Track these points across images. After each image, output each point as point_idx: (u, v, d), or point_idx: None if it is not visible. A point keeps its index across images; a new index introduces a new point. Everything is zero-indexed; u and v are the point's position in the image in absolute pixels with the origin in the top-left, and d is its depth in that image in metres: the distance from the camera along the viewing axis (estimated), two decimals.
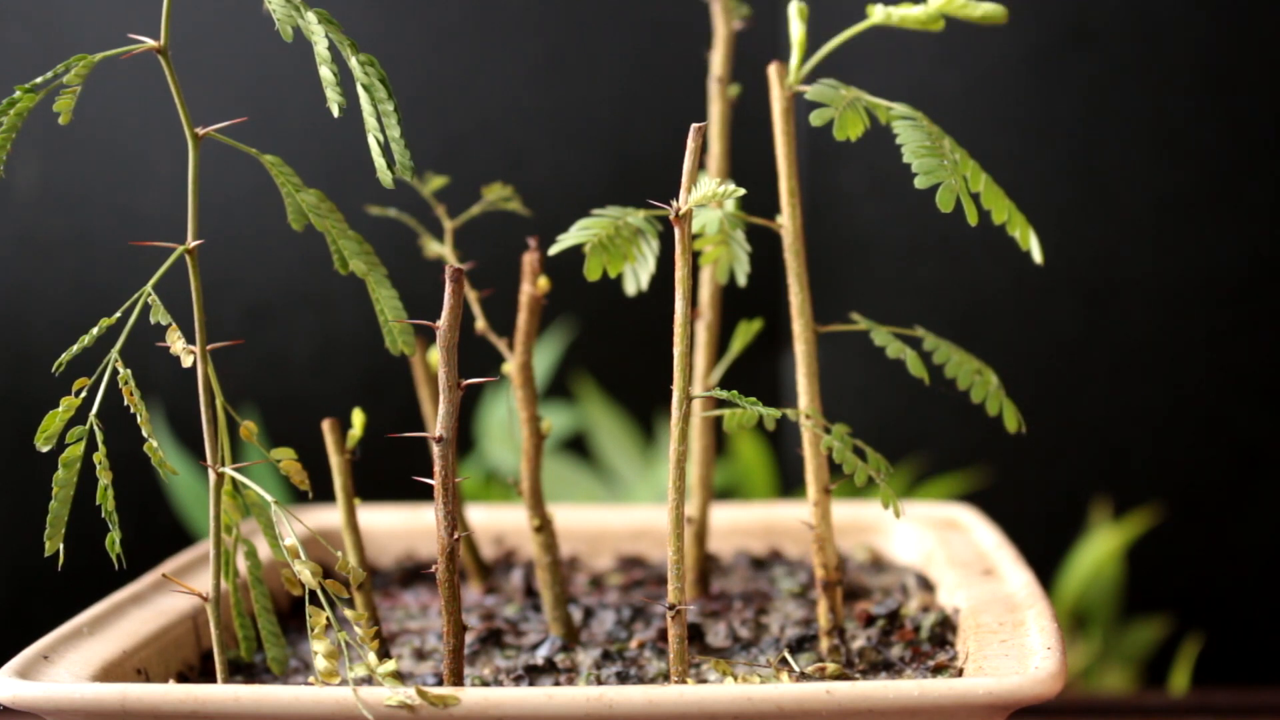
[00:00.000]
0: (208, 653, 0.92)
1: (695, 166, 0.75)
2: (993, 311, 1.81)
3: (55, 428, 0.76)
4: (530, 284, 0.90)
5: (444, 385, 0.76)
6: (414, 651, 0.92)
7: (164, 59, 0.76)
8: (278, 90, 1.77)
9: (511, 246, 1.00)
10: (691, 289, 0.75)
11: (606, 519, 1.15)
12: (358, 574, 0.77)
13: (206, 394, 0.79)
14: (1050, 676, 0.72)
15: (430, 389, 1.03)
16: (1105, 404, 1.82)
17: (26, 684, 0.75)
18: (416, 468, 0.90)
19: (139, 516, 1.74)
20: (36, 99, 0.74)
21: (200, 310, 0.78)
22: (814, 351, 0.87)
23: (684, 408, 0.76)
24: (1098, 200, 1.78)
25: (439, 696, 0.71)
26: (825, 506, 0.87)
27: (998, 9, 0.81)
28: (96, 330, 0.77)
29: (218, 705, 0.72)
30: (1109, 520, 1.77)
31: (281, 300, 1.80)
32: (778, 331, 1.73)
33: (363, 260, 0.79)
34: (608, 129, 1.81)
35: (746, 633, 0.93)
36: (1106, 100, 1.77)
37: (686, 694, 0.71)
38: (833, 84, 0.82)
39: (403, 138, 0.75)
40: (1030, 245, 0.82)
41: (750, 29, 1.02)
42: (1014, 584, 0.90)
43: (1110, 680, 1.72)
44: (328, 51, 0.73)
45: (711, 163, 1.00)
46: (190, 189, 0.77)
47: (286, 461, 0.80)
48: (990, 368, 0.88)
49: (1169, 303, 1.79)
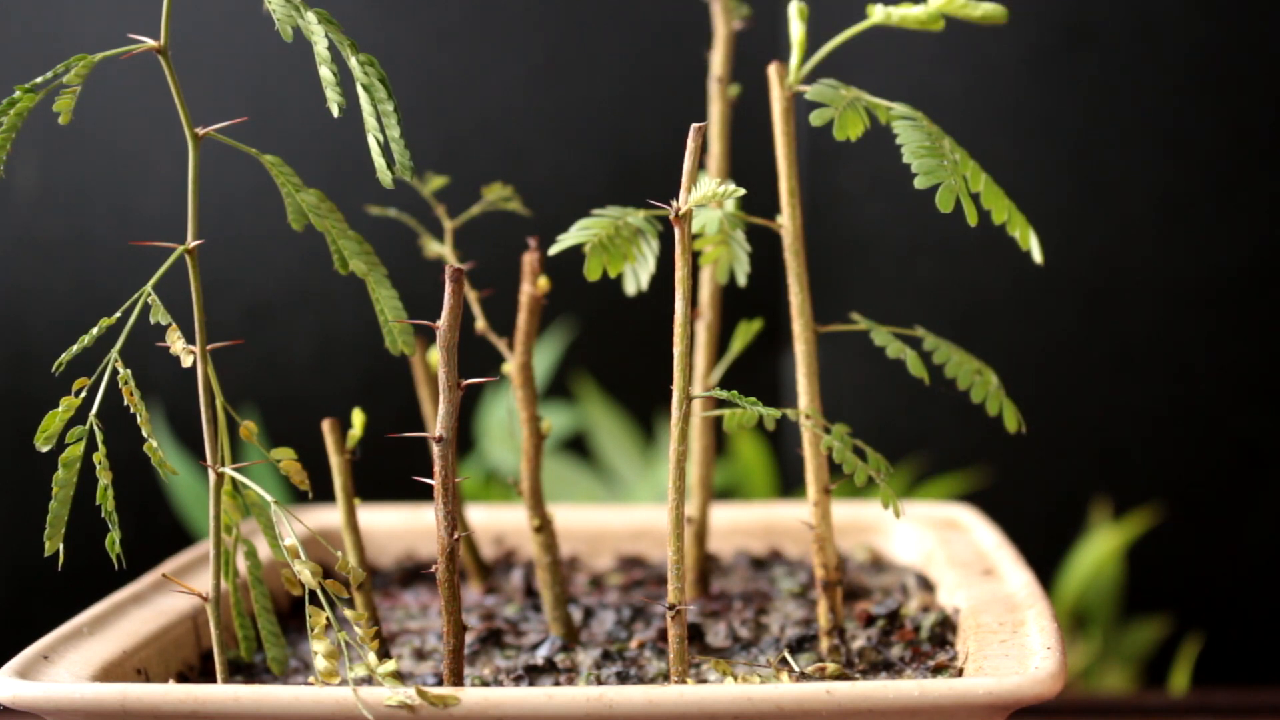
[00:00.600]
0: (208, 653, 0.92)
1: (695, 166, 0.75)
2: (993, 311, 1.81)
3: (55, 428, 0.76)
4: (530, 284, 0.90)
5: (444, 385, 0.76)
6: (414, 651, 0.92)
7: (164, 59, 0.76)
8: (279, 91, 1.77)
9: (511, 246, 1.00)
10: (691, 289, 0.75)
11: (606, 519, 1.15)
12: (357, 574, 0.77)
13: (206, 394, 0.79)
14: (1050, 676, 0.72)
15: (430, 389, 1.03)
16: (1105, 404, 1.81)
17: (26, 684, 0.75)
18: (416, 468, 0.90)
19: (139, 516, 1.74)
20: (36, 99, 0.74)
21: (200, 310, 0.78)
22: (814, 351, 0.87)
23: (684, 408, 0.76)
24: (1098, 200, 1.78)
25: (439, 696, 0.71)
26: (825, 506, 0.87)
27: (998, 9, 0.81)
28: (96, 330, 0.76)
29: (218, 705, 0.72)
30: (1109, 520, 1.77)
31: (282, 300, 1.80)
32: (778, 331, 1.73)
33: (363, 260, 0.79)
34: (608, 129, 1.81)
35: (746, 633, 0.93)
36: (1106, 100, 1.77)
37: (686, 694, 0.71)
38: (833, 84, 0.82)
39: (402, 138, 0.75)
40: (1030, 245, 0.82)
41: (750, 29, 1.02)
42: (1014, 584, 0.90)
43: (1110, 680, 1.72)
44: (327, 51, 0.73)
45: (711, 163, 1.00)
46: (190, 189, 0.77)
47: (286, 461, 0.80)
48: (990, 368, 0.88)
49: (1169, 303, 1.79)
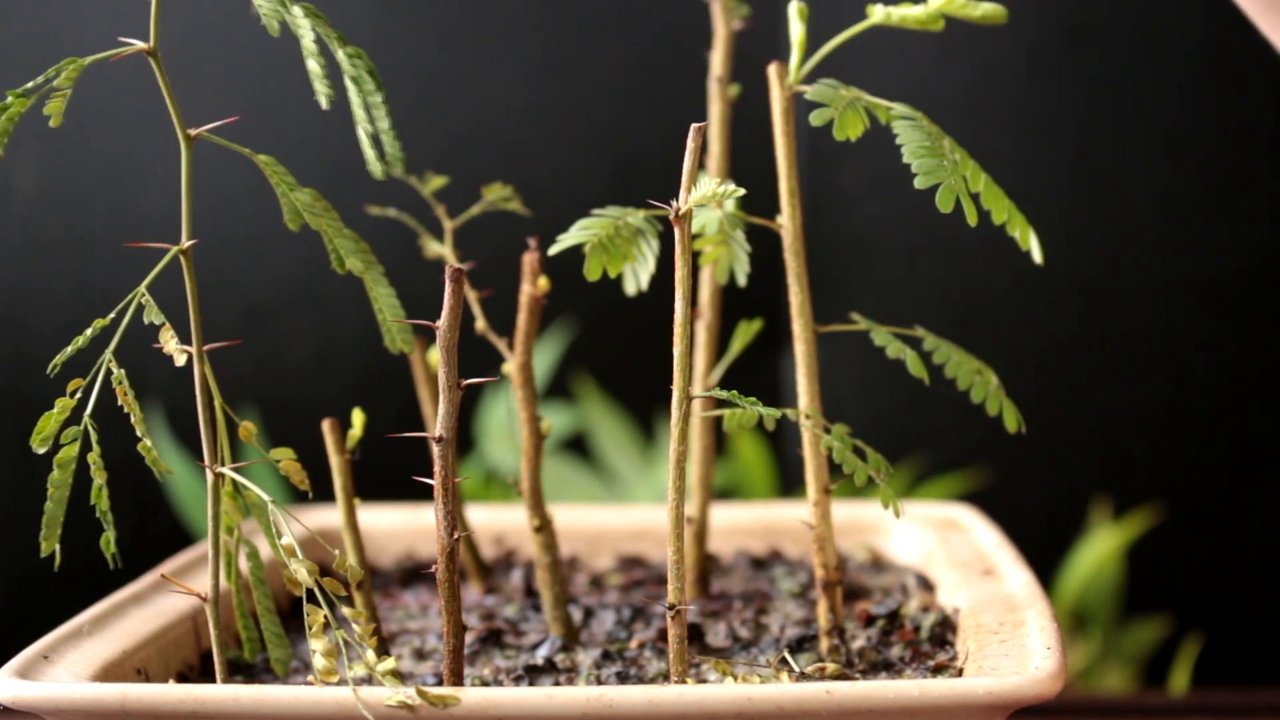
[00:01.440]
0: (208, 653, 0.92)
1: (695, 166, 0.75)
2: (993, 311, 1.81)
3: (50, 429, 0.76)
4: (530, 284, 0.90)
5: (444, 385, 0.76)
6: (414, 651, 0.92)
7: (154, 60, 0.75)
8: (277, 91, 1.77)
9: (511, 246, 1.00)
10: (691, 289, 0.75)
11: (606, 519, 1.15)
12: (355, 572, 0.77)
13: (204, 394, 0.79)
14: (1050, 676, 0.72)
15: (430, 389, 1.03)
16: (1105, 404, 1.81)
17: (26, 684, 0.75)
18: (416, 468, 0.89)
19: (139, 516, 1.74)
20: (28, 103, 0.74)
21: (196, 310, 0.78)
22: (814, 351, 0.87)
23: (684, 408, 0.76)
24: (1098, 200, 1.78)
25: (439, 696, 0.71)
26: (825, 506, 0.87)
27: (998, 9, 0.81)
28: (91, 331, 0.76)
29: (218, 705, 0.72)
30: (1109, 520, 1.77)
31: (281, 300, 1.80)
32: (778, 331, 1.73)
33: (360, 259, 0.79)
34: (608, 129, 1.81)
35: (746, 633, 0.93)
36: (1106, 100, 1.77)
37: (686, 694, 0.70)
38: (833, 84, 0.82)
39: (393, 129, 0.75)
40: (1030, 245, 0.82)
41: (750, 29, 1.01)
42: (1014, 584, 0.90)
43: (1110, 680, 1.72)
44: (315, 45, 0.73)
45: (711, 163, 1.00)
46: (184, 189, 0.77)
47: (286, 461, 0.80)
48: (990, 368, 0.88)
49: (1169, 303, 1.79)
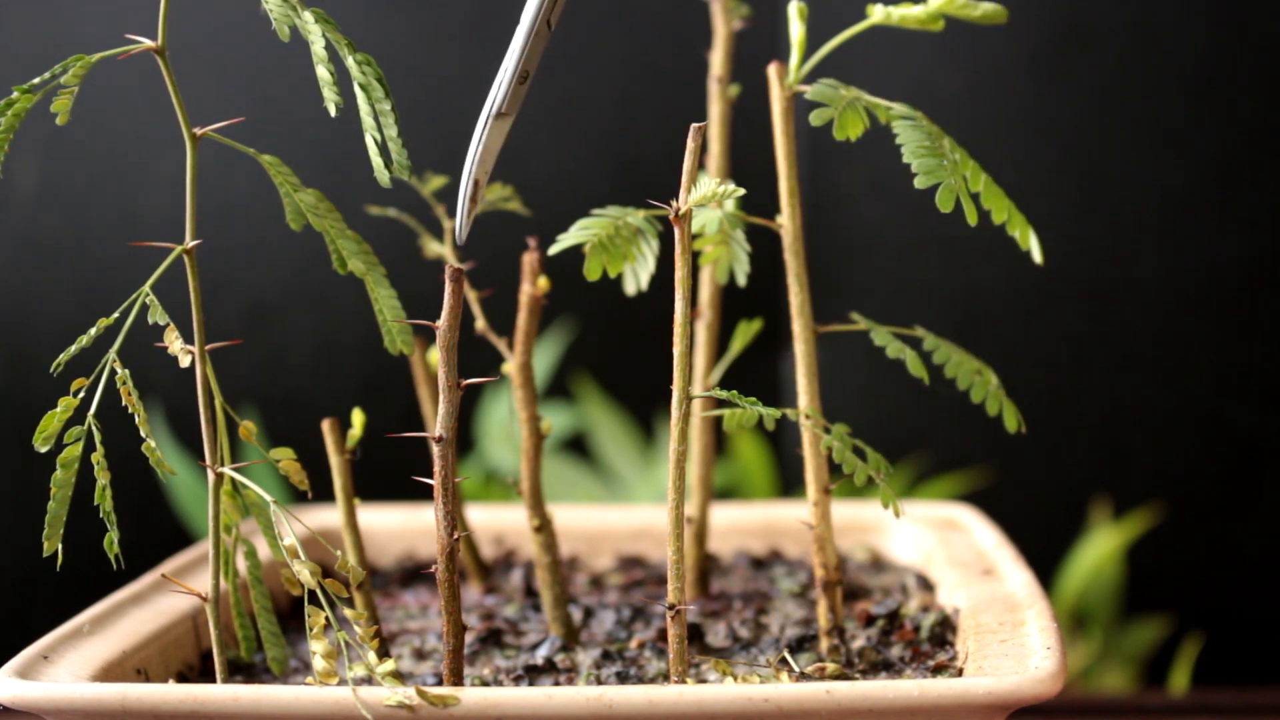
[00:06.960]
0: (208, 653, 0.92)
1: (695, 166, 0.75)
2: (993, 311, 1.81)
3: (53, 428, 0.76)
4: (530, 284, 0.90)
5: (444, 385, 0.76)
6: (414, 651, 0.92)
7: (161, 59, 0.76)
8: (281, 92, 1.77)
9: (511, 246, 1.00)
10: (691, 289, 0.75)
11: (606, 519, 1.15)
12: (357, 573, 0.77)
13: (205, 394, 0.79)
14: (1050, 676, 0.72)
15: (430, 389, 1.03)
16: (1105, 404, 1.81)
17: (26, 684, 0.75)
18: (416, 468, 0.89)
19: (139, 516, 1.74)
20: (34, 100, 0.74)
21: (199, 310, 0.78)
22: (814, 351, 0.87)
23: (684, 408, 0.76)
24: (1098, 200, 1.78)
25: (439, 696, 0.71)
26: (825, 506, 0.87)
27: (998, 9, 0.81)
28: (94, 330, 0.76)
29: (217, 705, 0.72)
30: (1109, 520, 1.77)
31: (282, 300, 1.80)
32: (778, 331, 1.73)
33: (361, 260, 0.79)
34: (608, 129, 1.81)
35: (746, 633, 0.93)
36: (1106, 100, 1.77)
37: (686, 694, 0.71)
38: (833, 84, 0.82)
39: (400, 137, 0.75)
40: (1030, 245, 0.82)
41: (750, 29, 1.01)
42: (1014, 584, 0.90)
43: (1110, 680, 1.72)
44: (324, 51, 0.73)
45: (711, 163, 1.00)
46: (189, 189, 0.77)
47: (286, 461, 0.80)
48: (990, 368, 0.88)
49: (1169, 303, 1.79)
